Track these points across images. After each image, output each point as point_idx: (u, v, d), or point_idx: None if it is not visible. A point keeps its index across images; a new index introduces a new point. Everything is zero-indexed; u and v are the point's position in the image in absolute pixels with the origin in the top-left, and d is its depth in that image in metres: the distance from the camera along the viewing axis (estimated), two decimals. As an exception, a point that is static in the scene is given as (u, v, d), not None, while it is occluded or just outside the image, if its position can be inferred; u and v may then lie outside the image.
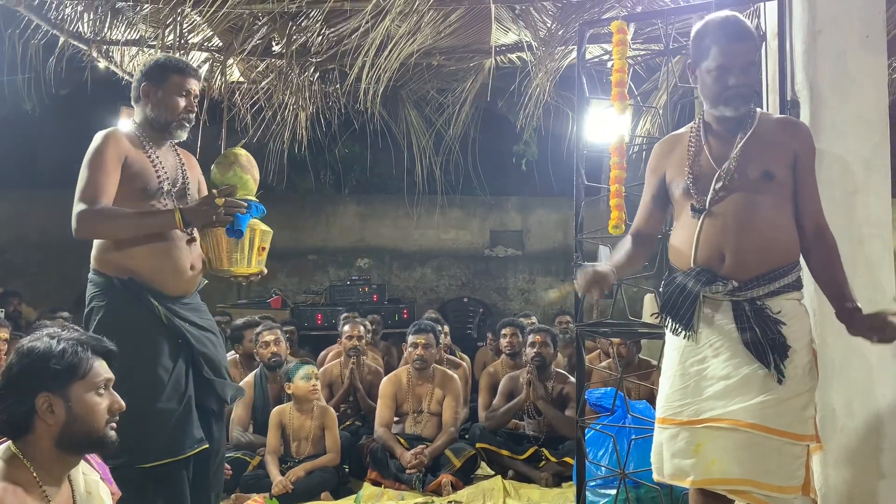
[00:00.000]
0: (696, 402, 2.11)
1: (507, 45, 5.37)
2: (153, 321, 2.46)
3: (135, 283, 2.46)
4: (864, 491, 2.54)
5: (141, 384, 2.36)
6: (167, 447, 2.41)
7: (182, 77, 2.57)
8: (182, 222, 2.44)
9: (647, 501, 3.02)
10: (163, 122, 2.57)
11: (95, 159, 2.47)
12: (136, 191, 2.49)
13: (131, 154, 2.51)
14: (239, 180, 2.55)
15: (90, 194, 2.42)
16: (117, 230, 2.47)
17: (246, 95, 5.91)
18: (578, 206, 3.25)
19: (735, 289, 2.10)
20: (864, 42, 2.71)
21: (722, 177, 2.15)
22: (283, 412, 4.17)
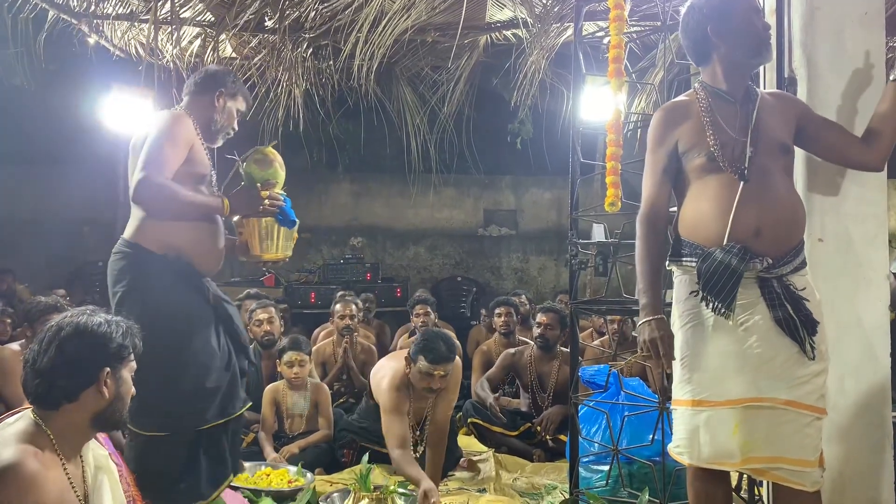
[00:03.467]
0: (732, 382, 2.08)
1: (502, 21, 5.33)
2: (200, 296, 2.63)
3: (181, 260, 2.59)
4: (857, 467, 2.56)
5: (198, 353, 2.56)
6: (221, 409, 2.60)
7: (244, 98, 2.88)
8: (229, 209, 2.63)
9: (639, 477, 3.03)
10: (217, 127, 2.79)
11: (169, 134, 2.57)
12: (196, 175, 2.65)
13: (196, 140, 2.68)
14: (276, 175, 2.75)
15: (156, 166, 2.50)
16: (173, 206, 2.56)
17: (238, 71, 5.85)
18: (574, 183, 3.24)
19: (770, 266, 2.07)
20: (863, 19, 2.68)
21: (751, 144, 2.10)
22: (277, 389, 4.17)
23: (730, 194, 2.09)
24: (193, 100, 2.79)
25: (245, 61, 5.71)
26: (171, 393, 2.53)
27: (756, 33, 2.18)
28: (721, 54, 2.20)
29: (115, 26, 5.28)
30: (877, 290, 2.62)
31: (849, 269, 2.61)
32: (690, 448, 2.14)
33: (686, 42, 2.28)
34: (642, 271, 2.18)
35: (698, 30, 2.21)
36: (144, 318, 2.27)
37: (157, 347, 2.37)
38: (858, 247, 2.63)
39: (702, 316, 2.12)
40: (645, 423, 3.00)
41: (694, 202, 2.18)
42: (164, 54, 5.51)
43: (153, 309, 2.50)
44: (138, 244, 2.58)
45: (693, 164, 2.17)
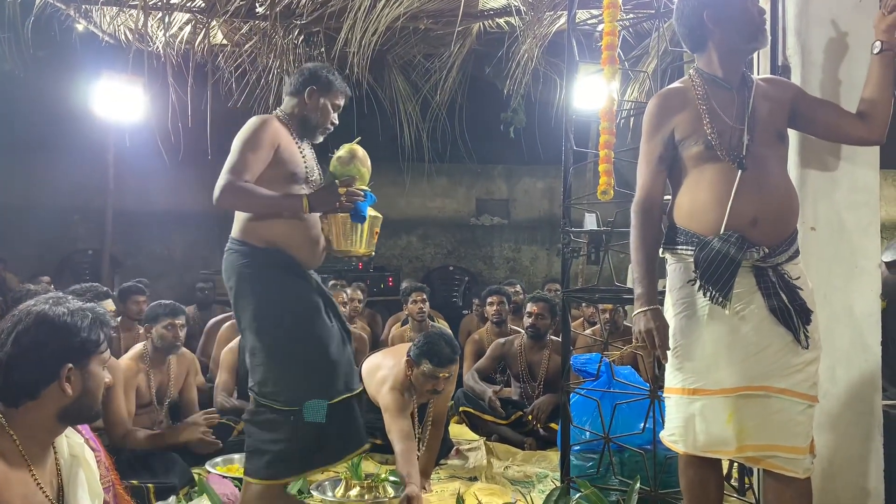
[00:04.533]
0: (727, 371, 2.08)
1: (495, 8, 5.30)
2: (307, 284, 2.74)
3: (287, 255, 2.71)
4: (846, 455, 2.57)
5: (317, 334, 2.69)
6: (344, 385, 2.73)
7: (340, 94, 2.89)
8: (308, 207, 2.66)
9: (630, 465, 3.04)
10: (314, 124, 2.86)
11: (250, 139, 2.67)
12: (286, 174, 2.73)
13: (284, 141, 2.74)
14: (357, 172, 2.77)
15: (238, 170, 2.62)
16: (252, 206, 2.69)
17: (229, 58, 5.80)
18: (567, 171, 3.22)
19: (766, 255, 2.06)
20: (857, 6, 2.67)
21: (748, 132, 2.09)
22: (268, 378, 4.15)
23: (727, 183, 2.08)
24: (288, 99, 2.89)
25: (236, 48, 5.67)
26: (299, 370, 2.67)
27: (752, 18, 2.17)
28: (717, 40, 2.19)
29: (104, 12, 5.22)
30: (868, 278, 2.63)
31: (841, 258, 2.62)
32: (685, 436, 2.14)
33: (681, 29, 2.27)
34: (637, 260, 2.16)
35: (694, 16, 2.20)
36: (261, 306, 2.65)
37: (279, 331, 2.65)
38: (851, 236, 2.63)
39: (697, 304, 2.11)
40: (636, 412, 3.00)
41: (690, 190, 2.16)
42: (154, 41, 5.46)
43: (268, 297, 2.67)
44: (245, 241, 2.72)
45: (690, 152, 2.16)
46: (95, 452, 1.91)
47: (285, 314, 2.67)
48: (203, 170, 7.30)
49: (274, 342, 2.67)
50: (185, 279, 7.29)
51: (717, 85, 2.19)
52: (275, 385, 2.66)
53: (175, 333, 3.77)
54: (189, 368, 3.99)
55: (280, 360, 2.67)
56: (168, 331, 3.75)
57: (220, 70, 5.89)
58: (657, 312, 2.11)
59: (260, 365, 2.69)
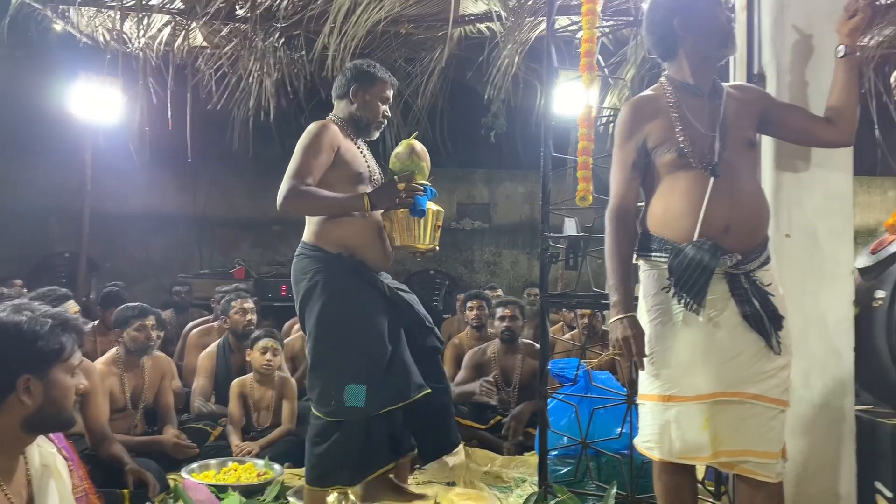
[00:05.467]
0: (701, 377, 2.08)
1: (476, 14, 5.31)
2: (376, 291, 2.74)
3: (355, 257, 2.73)
4: (820, 460, 2.60)
5: (369, 346, 2.67)
6: (396, 395, 2.68)
7: (385, 85, 2.90)
8: (370, 205, 2.68)
9: (607, 470, 3.05)
10: (365, 122, 2.88)
11: (310, 144, 2.72)
12: (351, 175, 2.77)
13: (343, 143, 2.79)
14: (416, 167, 2.77)
15: (300, 174, 2.67)
16: (316, 208, 2.74)
17: (209, 60, 5.78)
18: (545, 177, 3.24)
19: (739, 262, 2.07)
20: (831, 17, 2.69)
21: (720, 139, 2.10)
22: (244, 383, 4.13)
23: (700, 190, 2.09)
24: (337, 103, 2.93)
25: (216, 50, 5.64)
26: (343, 382, 2.66)
27: (721, 25, 2.20)
28: (688, 48, 2.20)
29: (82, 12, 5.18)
30: (842, 285, 2.66)
31: (815, 265, 2.64)
32: (661, 443, 2.14)
33: (651, 37, 2.28)
34: (612, 268, 2.16)
35: (664, 24, 2.21)
36: (323, 313, 2.68)
37: (334, 339, 2.68)
38: (824, 242, 2.66)
39: (671, 311, 2.12)
40: (613, 417, 3.02)
41: (663, 197, 2.17)
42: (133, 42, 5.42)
43: (332, 305, 2.69)
44: (316, 245, 2.76)
45: (663, 159, 2.16)
46: (68, 462, 1.87)
47: (340, 324, 2.69)
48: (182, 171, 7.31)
49: (328, 350, 2.70)
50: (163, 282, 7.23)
51: (688, 92, 2.20)
52: (322, 393, 2.69)
53: (147, 335, 3.73)
54: (164, 372, 3.96)
55: (329, 368, 2.70)
56: (139, 332, 3.72)
57: (200, 72, 5.86)
58: (633, 320, 2.12)
59: (312, 371, 2.75)
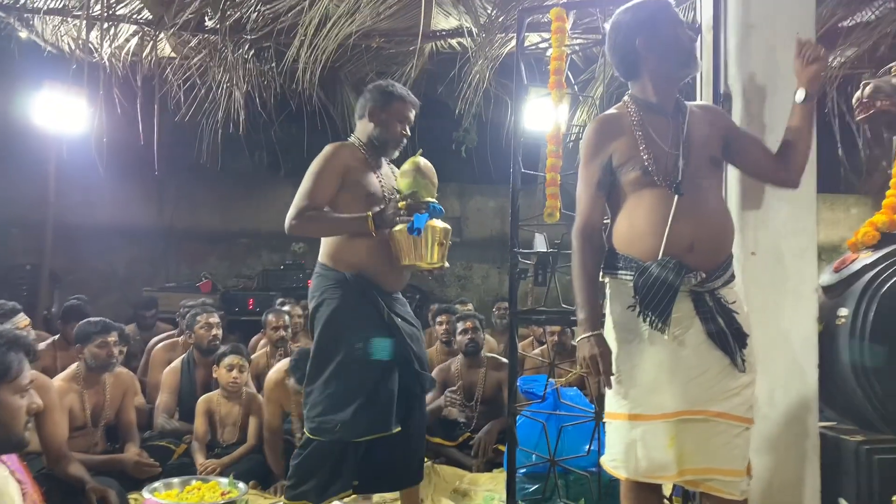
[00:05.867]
0: (667, 396, 2.08)
1: (447, 29, 5.33)
2: (376, 315, 2.76)
3: (364, 278, 2.77)
4: (784, 477, 2.61)
5: (360, 370, 2.70)
6: (376, 425, 2.70)
7: (404, 105, 2.93)
8: (374, 225, 2.71)
9: (575, 488, 3.04)
10: (381, 141, 2.91)
11: (317, 167, 2.81)
12: (362, 196, 2.81)
13: (354, 165, 2.84)
14: (419, 185, 2.79)
15: (303, 199, 2.75)
16: (320, 230, 2.84)
17: (178, 71, 5.71)
18: (514, 193, 3.24)
19: (703, 280, 2.08)
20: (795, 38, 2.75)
21: (683, 158, 2.12)
22: (211, 399, 4.07)
23: (664, 208, 2.09)
24: (358, 124, 2.98)
25: (184, 61, 5.58)
26: (328, 403, 2.72)
27: (683, 44, 2.22)
28: (651, 67, 2.21)
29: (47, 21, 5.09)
30: (806, 303, 2.68)
31: (779, 283, 2.67)
32: (627, 462, 2.13)
33: (614, 58, 2.29)
34: (579, 286, 2.16)
35: (627, 44, 2.22)
36: (322, 331, 2.76)
37: (327, 360, 2.73)
38: (789, 261, 2.69)
39: (637, 329, 2.12)
40: (582, 434, 3.01)
41: (628, 216, 2.18)
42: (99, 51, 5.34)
43: (328, 324, 2.76)
44: (325, 264, 2.84)
45: (627, 177, 2.17)
46: (22, 484, 1.81)
47: (332, 344, 2.73)
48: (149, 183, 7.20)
49: (321, 370, 2.75)
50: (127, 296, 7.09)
51: (651, 111, 2.21)
52: (310, 409, 2.76)
53: (108, 351, 3.65)
54: (127, 388, 3.87)
55: (319, 387, 2.75)
56: (100, 349, 3.63)
57: (168, 83, 5.79)
58: (600, 338, 2.11)
59: (306, 386, 2.81)
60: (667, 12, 2.23)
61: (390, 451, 2.78)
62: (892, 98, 2.86)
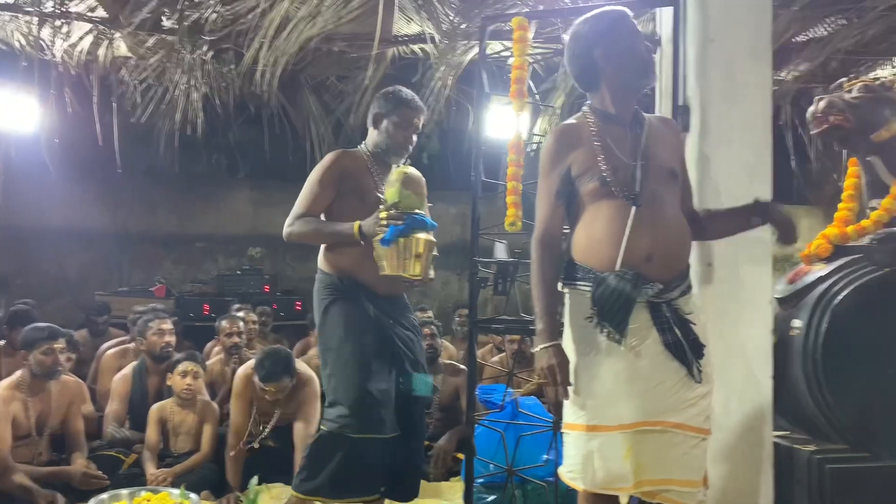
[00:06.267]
0: (624, 407, 2.07)
1: (409, 35, 5.30)
2: (367, 317, 2.81)
3: (355, 282, 2.82)
4: (739, 486, 2.64)
5: (352, 369, 2.75)
6: (370, 426, 2.73)
7: (409, 112, 2.93)
8: (359, 234, 2.72)
9: (533, 497, 3.03)
10: (384, 148, 2.93)
11: (312, 177, 2.88)
12: (356, 201, 2.84)
13: (352, 170, 2.88)
14: (400, 195, 2.74)
15: (298, 206, 2.84)
16: (313, 238, 2.87)
17: (134, 71, 5.59)
18: (475, 201, 3.23)
19: (660, 291, 2.08)
20: (752, 52, 2.80)
21: (642, 169, 2.12)
22: (164, 408, 3.97)
23: (622, 219, 2.09)
24: (368, 131, 3.00)
25: (141, 61, 5.46)
26: (330, 398, 2.83)
27: (641, 55, 2.21)
28: (609, 78, 2.21)
29: (-3, 16, 4.94)
30: (761, 314, 2.72)
31: (735, 294, 2.70)
32: (584, 473, 2.12)
33: (573, 69, 2.29)
34: (538, 296, 2.15)
35: (585, 56, 2.22)
36: (321, 333, 2.87)
37: (326, 360, 2.84)
38: (745, 272, 2.72)
39: (595, 340, 2.12)
40: (540, 443, 3.01)
41: (587, 226, 2.17)
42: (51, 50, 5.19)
43: (323, 326, 2.86)
44: (322, 269, 2.91)
45: (586, 188, 2.16)
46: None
47: (329, 344, 2.83)
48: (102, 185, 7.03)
49: (324, 365, 2.86)
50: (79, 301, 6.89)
51: (610, 122, 2.21)
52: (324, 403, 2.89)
53: (54, 359, 3.54)
54: (74, 396, 3.76)
55: (325, 384, 2.88)
56: (46, 356, 3.52)
57: (124, 83, 5.66)
58: (558, 349, 2.10)
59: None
60: (625, 23, 2.23)
61: (398, 457, 2.80)
62: (845, 113, 2.93)
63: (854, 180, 3.18)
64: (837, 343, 2.68)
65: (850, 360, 2.68)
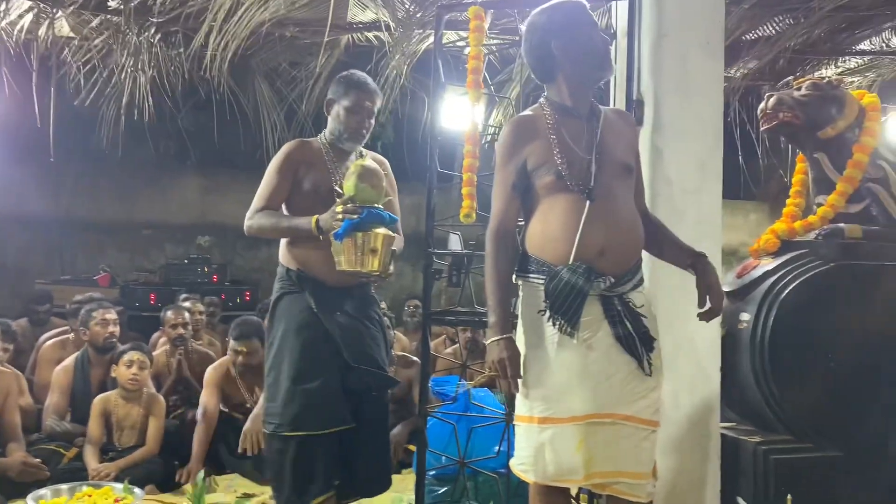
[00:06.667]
0: (576, 399, 2.08)
1: (364, 22, 5.23)
2: (310, 312, 2.73)
3: (302, 273, 2.77)
4: (688, 478, 2.68)
5: (291, 362, 2.70)
6: (309, 421, 2.66)
7: (357, 94, 2.83)
8: (317, 228, 2.65)
9: (485, 490, 3.03)
10: (338, 134, 2.85)
11: (269, 168, 2.82)
12: (310, 192, 2.78)
13: (307, 160, 2.82)
14: (356, 188, 2.66)
15: (257, 199, 2.78)
16: (272, 232, 2.80)
17: (77, 53, 5.39)
18: (430, 192, 3.20)
19: (612, 285, 2.09)
20: (705, 48, 2.82)
21: (596, 163, 2.11)
22: (108, 400, 3.86)
23: (576, 213, 2.10)
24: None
25: (84, 42, 5.26)
26: (269, 396, 2.78)
27: (597, 47, 2.21)
28: (566, 70, 2.20)
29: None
30: (710, 307, 2.75)
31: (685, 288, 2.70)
32: (535, 465, 2.12)
33: (530, 60, 2.27)
34: (491, 289, 2.14)
35: (542, 47, 2.21)
36: (269, 330, 2.84)
37: (269, 355, 2.79)
38: (695, 267, 2.74)
39: (546, 333, 2.12)
40: (491, 435, 3.00)
41: (542, 219, 2.17)
42: (-12, 27, 4.98)
43: (270, 320, 2.83)
44: (281, 263, 2.86)
45: (542, 181, 2.16)
46: None
47: (275, 338, 2.78)
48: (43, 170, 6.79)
49: (266, 368, 2.81)
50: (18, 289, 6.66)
51: (567, 114, 2.20)
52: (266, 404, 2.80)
53: None
54: (10, 388, 3.64)
55: (266, 387, 2.81)
56: None
57: (66, 64, 5.46)
58: (510, 342, 2.10)
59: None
60: (582, 15, 2.22)
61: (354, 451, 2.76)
62: (794, 110, 2.99)
63: (801, 176, 3.25)
64: (784, 336, 2.74)
65: (795, 353, 2.74)
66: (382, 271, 2.67)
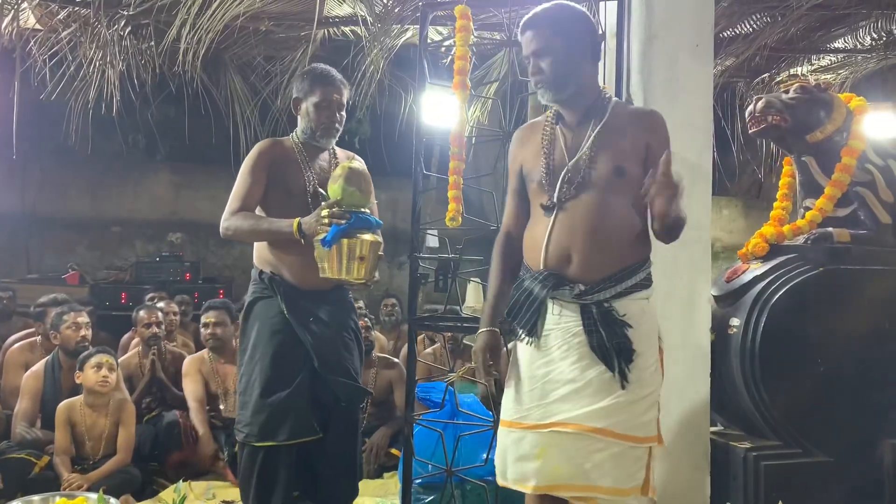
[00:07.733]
0: (543, 405, 2.05)
1: (341, 16, 5.13)
2: (281, 318, 2.66)
3: (275, 277, 2.70)
4: (679, 483, 2.66)
5: (261, 370, 2.64)
6: (277, 431, 2.61)
7: (326, 87, 2.74)
8: (299, 232, 2.56)
9: (472, 498, 2.98)
10: (310, 132, 2.78)
11: (242, 169, 2.75)
12: (282, 193, 2.71)
13: (279, 160, 2.74)
14: (343, 192, 2.58)
15: (232, 201, 2.70)
16: (249, 235, 2.71)
17: (44, 45, 5.21)
18: (416, 195, 3.13)
19: (582, 292, 2.04)
20: (694, 50, 2.81)
21: (570, 171, 2.08)
22: (72, 407, 3.71)
23: (548, 220, 2.11)
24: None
25: (51, 34, 5.10)
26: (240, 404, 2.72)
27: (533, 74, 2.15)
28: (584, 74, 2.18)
29: None
30: (700, 313, 2.74)
31: (675, 293, 2.71)
32: (501, 468, 2.14)
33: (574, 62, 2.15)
34: (490, 287, 2.23)
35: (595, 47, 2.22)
36: (241, 335, 2.77)
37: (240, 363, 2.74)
38: (684, 271, 2.73)
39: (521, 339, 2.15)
40: (480, 443, 2.96)
41: (530, 226, 2.19)
42: (-51, 18, 4.79)
43: (243, 325, 2.77)
44: (256, 265, 2.80)
45: (531, 188, 2.18)
46: None
47: (246, 344, 2.72)
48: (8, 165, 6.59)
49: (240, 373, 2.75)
50: (-19, 288, 6.48)
51: (563, 119, 2.18)
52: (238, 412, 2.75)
53: None
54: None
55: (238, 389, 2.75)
56: None
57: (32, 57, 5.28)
58: (493, 334, 2.14)
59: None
60: (523, 28, 2.18)
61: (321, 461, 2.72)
62: (783, 113, 2.97)
63: (788, 179, 3.24)
64: (774, 341, 2.73)
65: (785, 358, 2.73)
66: (368, 279, 2.60)
